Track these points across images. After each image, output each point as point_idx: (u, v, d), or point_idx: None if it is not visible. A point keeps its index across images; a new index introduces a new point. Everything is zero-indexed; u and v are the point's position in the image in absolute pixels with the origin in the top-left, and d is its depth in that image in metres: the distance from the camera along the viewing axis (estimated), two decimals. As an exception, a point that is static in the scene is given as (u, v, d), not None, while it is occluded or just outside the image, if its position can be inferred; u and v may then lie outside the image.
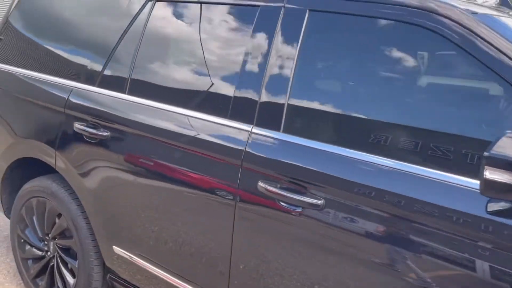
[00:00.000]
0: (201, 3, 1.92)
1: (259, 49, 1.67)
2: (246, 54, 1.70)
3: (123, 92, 2.01)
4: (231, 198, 1.61)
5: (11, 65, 2.51)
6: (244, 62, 1.69)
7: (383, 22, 1.48)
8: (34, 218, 2.46)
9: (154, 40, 2.01)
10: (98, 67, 2.12)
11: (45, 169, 2.44)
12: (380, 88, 1.45)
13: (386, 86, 1.45)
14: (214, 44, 1.84)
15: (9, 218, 2.71)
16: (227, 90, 1.73)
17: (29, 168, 2.55)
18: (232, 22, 1.82)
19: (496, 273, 1.13)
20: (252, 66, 1.66)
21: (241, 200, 1.58)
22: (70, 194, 2.26)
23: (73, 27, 2.31)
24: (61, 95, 2.20)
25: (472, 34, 1.29)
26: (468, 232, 1.17)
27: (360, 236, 1.35)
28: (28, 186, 2.43)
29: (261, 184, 1.53)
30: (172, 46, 1.99)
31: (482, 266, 1.14)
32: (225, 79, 1.76)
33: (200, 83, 1.83)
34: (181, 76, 1.90)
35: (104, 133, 1.99)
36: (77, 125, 2.09)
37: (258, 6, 1.72)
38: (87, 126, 2.06)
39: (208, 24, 1.90)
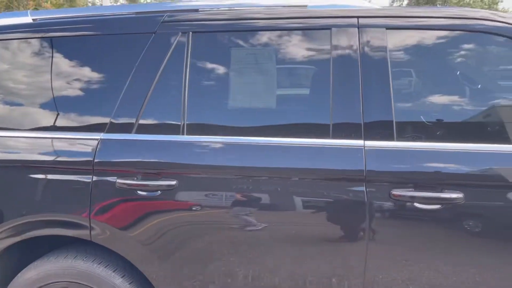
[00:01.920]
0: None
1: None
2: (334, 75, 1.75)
3: (179, 133, 1.80)
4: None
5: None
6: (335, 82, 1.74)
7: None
8: (43, 313, 1.94)
9: (204, 73, 1.86)
10: (131, 112, 1.84)
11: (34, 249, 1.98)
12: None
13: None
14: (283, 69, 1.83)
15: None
16: (323, 111, 1.74)
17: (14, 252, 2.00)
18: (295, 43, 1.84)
19: None
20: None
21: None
22: (107, 267, 1.88)
23: (81, 74, 1.93)
24: (84, 151, 1.82)
25: None
26: None
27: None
28: (30, 274, 1.90)
29: (396, 193, 1.60)
30: (229, 76, 1.87)
31: None
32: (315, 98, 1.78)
33: (280, 107, 1.79)
34: (252, 104, 1.82)
35: (170, 182, 1.74)
36: (122, 181, 1.77)
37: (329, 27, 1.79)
38: (139, 180, 1.76)
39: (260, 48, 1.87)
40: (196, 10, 1.97)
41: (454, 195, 1.59)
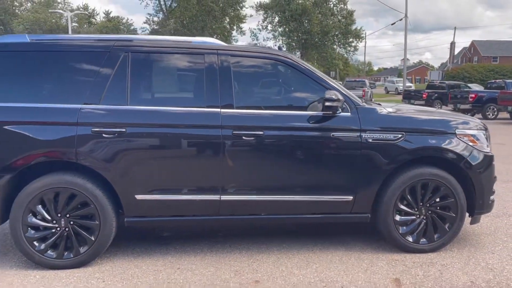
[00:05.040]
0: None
1: None
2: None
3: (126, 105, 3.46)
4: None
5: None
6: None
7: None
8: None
9: (138, 74, 3.56)
10: (97, 94, 3.45)
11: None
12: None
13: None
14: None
15: None
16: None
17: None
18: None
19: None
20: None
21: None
22: (83, 178, 3.44)
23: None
24: (72, 114, 3.38)
25: None
26: None
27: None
28: (36, 184, 3.37)
29: (235, 132, 3.46)
30: (152, 76, 3.62)
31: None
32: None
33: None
34: (165, 93, 3.59)
35: (121, 130, 3.39)
36: (94, 129, 3.37)
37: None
38: (104, 128, 3.38)
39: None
40: (131, 40, 3.66)
41: (259, 132, 3.49)
